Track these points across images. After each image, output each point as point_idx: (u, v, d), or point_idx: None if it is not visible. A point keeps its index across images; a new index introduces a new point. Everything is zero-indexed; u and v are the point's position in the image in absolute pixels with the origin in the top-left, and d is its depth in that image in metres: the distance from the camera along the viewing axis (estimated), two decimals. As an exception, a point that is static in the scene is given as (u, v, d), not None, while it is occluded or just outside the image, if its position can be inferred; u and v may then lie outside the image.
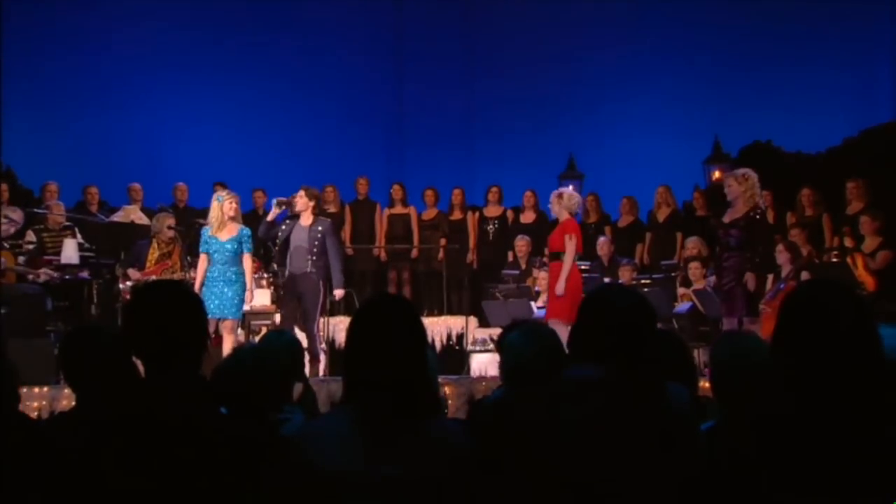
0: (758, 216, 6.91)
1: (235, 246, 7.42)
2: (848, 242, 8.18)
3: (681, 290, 9.02)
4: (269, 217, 7.95)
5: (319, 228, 7.78)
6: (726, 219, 6.95)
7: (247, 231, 7.57)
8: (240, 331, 8.25)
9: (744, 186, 6.87)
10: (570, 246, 7.34)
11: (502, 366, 3.26)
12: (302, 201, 7.80)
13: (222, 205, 7.44)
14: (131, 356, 2.37)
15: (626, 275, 9.18)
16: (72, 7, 13.55)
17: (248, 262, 7.55)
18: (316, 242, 7.72)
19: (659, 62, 14.02)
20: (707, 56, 13.82)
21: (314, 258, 7.71)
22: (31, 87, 12.50)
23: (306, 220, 7.83)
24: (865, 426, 2.05)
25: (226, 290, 7.28)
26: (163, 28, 13.83)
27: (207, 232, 7.47)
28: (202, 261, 7.48)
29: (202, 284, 7.33)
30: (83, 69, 13.62)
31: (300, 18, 14.79)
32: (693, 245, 9.35)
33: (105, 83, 13.67)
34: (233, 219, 7.51)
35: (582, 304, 2.45)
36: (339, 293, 7.92)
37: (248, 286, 7.49)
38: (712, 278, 7.54)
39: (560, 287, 7.26)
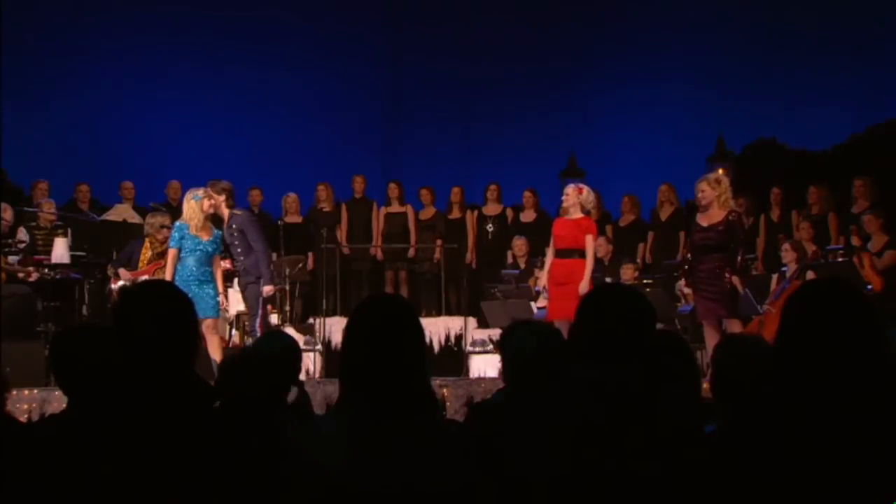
0: (736, 219, 6.94)
1: (214, 247, 7.28)
2: (855, 241, 8.14)
3: (685, 290, 8.91)
4: None
5: (234, 225, 7.44)
6: (703, 222, 6.94)
7: (219, 232, 7.42)
8: (234, 332, 8.16)
9: (717, 191, 6.91)
10: (592, 247, 7.29)
11: (504, 367, 3.20)
12: (209, 202, 7.34)
13: (201, 203, 7.25)
14: (123, 357, 2.33)
15: (627, 273, 9.08)
16: (63, 4, 13.47)
17: (220, 263, 7.45)
18: (236, 241, 7.44)
19: (661, 58, 13.97)
20: (710, 52, 13.78)
21: (241, 257, 7.45)
22: (20, 84, 12.39)
23: (225, 218, 7.50)
24: (871, 427, 2.02)
25: (204, 289, 7.11)
26: (155, 25, 13.79)
27: (186, 229, 7.22)
28: (173, 257, 7.20)
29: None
30: (74, 65, 13.56)
31: (296, 15, 14.73)
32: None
33: (96, 80, 13.62)
34: (208, 218, 7.35)
35: (580, 304, 2.43)
36: (266, 290, 7.43)
37: (220, 289, 7.33)
38: (681, 282, 7.45)
39: (585, 286, 7.13)
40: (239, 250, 7.42)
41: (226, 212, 7.41)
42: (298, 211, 10.69)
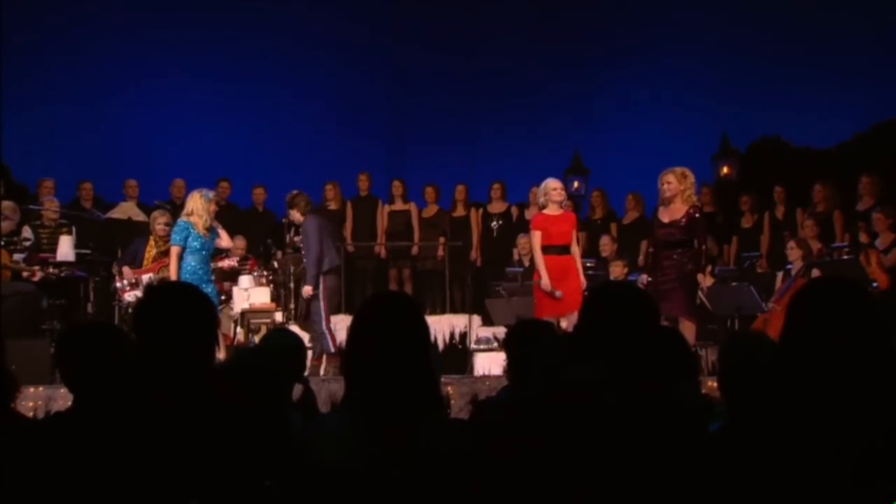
0: (698, 214, 6.89)
1: (213, 246, 7.33)
2: (863, 238, 8.09)
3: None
4: None
5: (300, 227, 7.90)
6: (665, 218, 6.91)
7: (215, 232, 7.46)
8: (238, 329, 8.15)
9: (684, 185, 6.88)
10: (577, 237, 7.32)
11: (509, 365, 3.21)
12: (214, 207, 7.61)
13: (211, 204, 7.27)
14: (135, 355, 2.37)
15: (617, 270, 9.05)
16: (67, 2, 13.47)
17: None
18: (302, 244, 7.87)
19: (666, 56, 13.94)
20: (715, 50, 13.73)
21: (305, 258, 7.86)
22: (25, 82, 12.39)
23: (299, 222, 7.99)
24: (876, 425, 2.02)
25: (206, 288, 7.09)
26: (158, 22, 13.77)
27: (192, 227, 7.21)
28: (177, 255, 7.21)
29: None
30: (78, 64, 13.55)
31: (300, 13, 14.71)
32: (702, 243, 9.26)
33: (101, 78, 13.61)
34: (213, 218, 7.39)
35: (584, 303, 2.45)
36: (305, 290, 7.78)
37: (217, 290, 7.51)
38: (643, 276, 7.41)
39: (582, 278, 7.19)
40: (303, 252, 7.88)
41: (301, 217, 7.84)
42: (302, 209, 10.68)
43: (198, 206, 7.24)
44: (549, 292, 7.07)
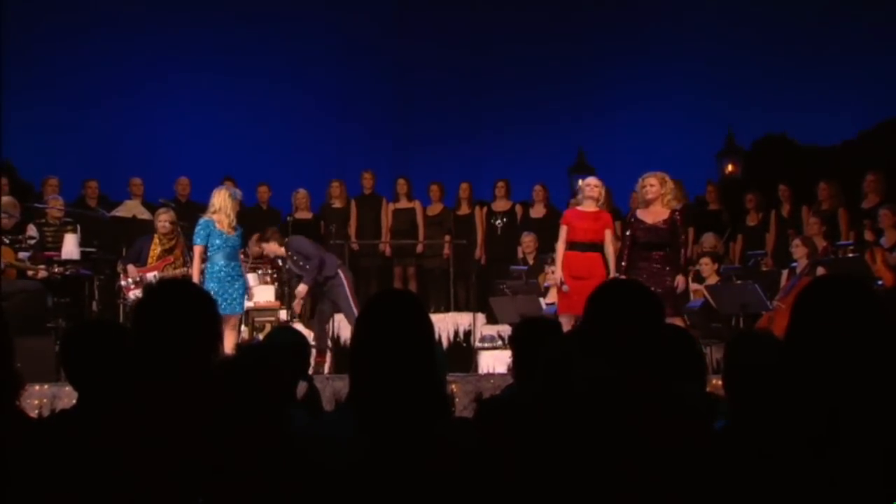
0: (678, 220, 6.93)
1: (240, 241, 7.33)
2: (868, 236, 8.09)
3: (693, 286, 8.88)
4: None
5: (289, 252, 8.33)
6: (647, 220, 6.90)
7: (240, 228, 7.47)
8: (243, 327, 8.16)
9: (665, 189, 6.91)
10: (613, 241, 7.29)
11: (515, 363, 3.22)
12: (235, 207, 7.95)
13: (237, 203, 7.30)
14: (137, 353, 2.36)
15: None
16: (72, 2, 13.49)
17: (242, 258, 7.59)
18: (300, 262, 8.19)
19: (670, 54, 13.92)
20: (719, 47, 13.72)
21: (307, 267, 8.16)
22: (30, 80, 12.41)
23: (282, 252, 8.44)
24: (880, 424, 2.01)
25: (234, 285, 7.10)
26: (163, 21, 13.77)
27: (213, 225, 7.18)
28: (200, 254, 7.15)
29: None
30: (83, 62, 13.57)
31: (304, 11, 14.72)
32: (707, 240, 9.28)
33: (106, 77, 13.63)
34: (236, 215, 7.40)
35: (588, 301, 2.42)
36: (300, 289, 8.13)
37: (248, 283, 7.44)
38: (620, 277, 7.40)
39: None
40: (301, 264, 8.09)
41: (281, 250, 8.17)
42: (308, 207, 10.70)
43: (226, 203, 7.18)
44: (557, 284, 7.17)
